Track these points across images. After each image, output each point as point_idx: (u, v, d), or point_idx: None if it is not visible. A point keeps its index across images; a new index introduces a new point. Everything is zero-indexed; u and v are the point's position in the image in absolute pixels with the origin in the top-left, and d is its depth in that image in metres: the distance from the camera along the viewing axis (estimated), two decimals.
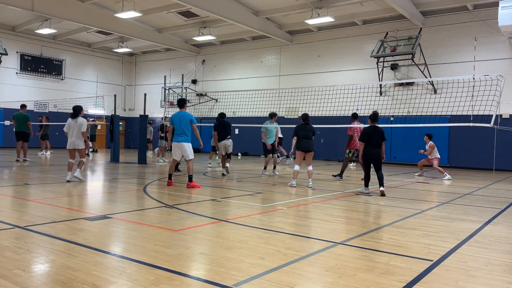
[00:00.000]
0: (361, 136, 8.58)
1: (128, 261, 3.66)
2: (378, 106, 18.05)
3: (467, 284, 3.31)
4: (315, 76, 21.84)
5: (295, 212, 6.45)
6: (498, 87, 10.88)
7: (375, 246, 4.38)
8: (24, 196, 7.27)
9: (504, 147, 16.84)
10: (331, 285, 3.21)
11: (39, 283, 3.10)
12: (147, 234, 4.67)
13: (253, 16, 19.99)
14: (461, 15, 18.06)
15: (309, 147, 9.45)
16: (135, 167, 13.76)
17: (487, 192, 9.58)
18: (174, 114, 9.33)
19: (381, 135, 8.51)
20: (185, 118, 8.98)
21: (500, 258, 4.10)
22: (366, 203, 7.43)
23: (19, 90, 24.28)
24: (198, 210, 6.35)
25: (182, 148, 8.96)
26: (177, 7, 19.10)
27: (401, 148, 19.19)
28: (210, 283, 3.17)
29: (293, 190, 9.07)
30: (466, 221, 5.91)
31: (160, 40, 24.25)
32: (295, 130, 9.61)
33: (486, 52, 17.42)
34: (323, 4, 17.87)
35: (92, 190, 8.56)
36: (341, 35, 21.29)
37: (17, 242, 4.15)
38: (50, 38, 25.61)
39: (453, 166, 17.98)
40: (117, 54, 29.55)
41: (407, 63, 18.74)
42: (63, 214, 5.72)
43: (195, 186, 8.82)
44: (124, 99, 30.51)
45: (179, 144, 8.96)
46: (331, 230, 5.18)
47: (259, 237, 4.66)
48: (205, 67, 26.64)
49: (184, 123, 8.94)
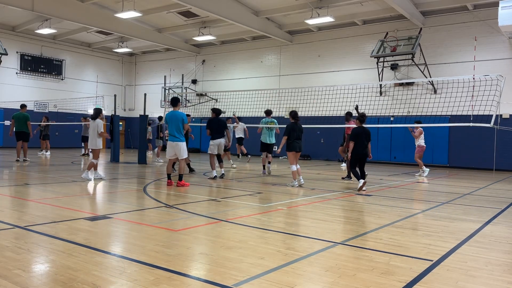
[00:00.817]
0: (352, 136, 9.19)
1: (128, 261, 3.66)
2: (378, 106, 18.06)
3: (467, 284, 3.31)
4: (315, 76, 21.84)
5: (295, 212, 6.45)
6: (498, 87, 10.89)
7: (375, 246, 4.38)
8: (24, 196, 7.27)
9: (504, 147, 16.84)
10: (331, 285, 3.21)
11: (39, 283, 3.10)
12: (147, 234, 4.67)
13: (253, 16, 20.00)
14: (461, 15, 18.06)
15: (301, 147, 9.84)
16: (135, 167, 13.76)
17: (487, 192, 9.58)
18: (167, 113, 9.43)
19: (368, 135, 9.24)
20: (178, 118, 9.09)
21: (500, 258, 4.10)
22: (366, 203, 7.43)
23: (19, 90, 24.28)
24: (198, 210, 6.35)
25: (176, 148, 9.11)
26: (177, 7, 19.10)
27: (401, 148, 19.18)
28: (210, 283, 3.17)
29: (294, 190, 9.07)
30: (466, 221, 5.92)
31: (160, 40, 24.25)
32: (288, 130, 9.68)
33: (486, 52, 17.42)
34: (323, 4, 17.87)
35: (92, 190, 8.56)
36: (341, 35, 21.29)
37: (17, 242, 4.15)
38: (50, 38, 25.61)
39: (453, 166, 17.98)
40: (117, 54, 29.55)
41: (407, 63, 18.74)
42: (63, 214, 5.72)
43: (184, 185, 8.97)
44: (124, 99, 30.51)
45: (173, 143, 9.10)
46: (331, 230, 5.17)
47: (259, 237, 4.66)
48: (205, 67, 26.64)
49: (176, 123, 9.05)
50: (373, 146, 19.86)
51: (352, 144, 9.13)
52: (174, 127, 9.04)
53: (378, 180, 11.84)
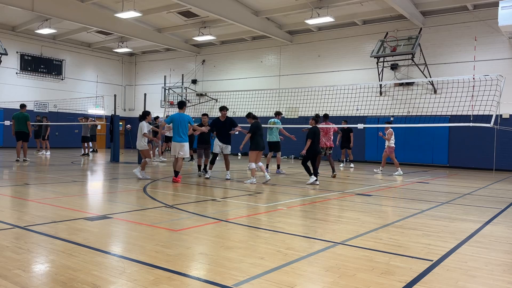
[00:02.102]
0: (310, 135, 9.86)
1: (128, 261, 3.66)
2: (378, 106, 18.07)
3: (467, 284, 3.31)
4: (315, 76, 21.84)
5: (295, 212, 6.45)
6: (498, 87, 10.89)
7: (375, 246, 4.38)
8: (24, 196, 7.27)
9: (504, 147, 16.84)
10: (331, 285, 3.21)
11: (39, 283, 3.10)
12: (147, 234, 4.67)
13: (253, 16, 20.00)
14: (461, 15, 18.06)
15: (264, 146, 10.33)
16: (135, 167, 13.73)
17: (487, 192, 9.58)
18: (174, 114, 10.02)
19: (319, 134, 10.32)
20: (185, 120, 9.84)
21: (500, 258, 4.10)
22: (366, 203, 7.43)
23: (19, 90, 24.27)
24: (198, 210, 6.35)
25: (181, 148, 9.77)
26: (177, 7, 19.10)
27: (401, 148, 19.17)
28: (210, 283, 3.17)
29: (294, 190, 9.07)
30: (466, 221, 5.92)
31: (160, 40, 24.25)
32: (254, 129, 10.06)
33: (486, 52, 17.42)
34: (323, 4, 17.87)
35: (92, 190, 8.56)
36: (341, 35, 21.29)
37: (17, 242, 4.15)
38: (50, 38, 25.61)
39: (453, 166, 17.99)
40: (117, 54, 29.55)
41: (407, 63, 18.74)
42: (63, 214, 5.72)
43: (178, 181, 9.67)
44: (124, 99, 30.51)
45: (180, 144, 9.76)
46: (331, 230, 5.17)
47: (259, 237, 4.66)
48: (205, 67, 26.64)
49: (184, 125, 9.80)
50: (373, 146, 19.92)
51: (309, 142, 9.80)
52: (180, 129, 9.72)
53: (378, 180, 11.85)
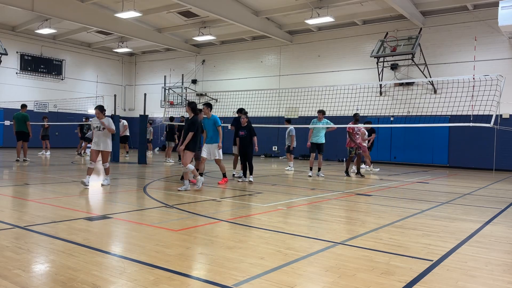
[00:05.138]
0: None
1: (128, 261, 3.66)
2: (378, 106, 18.06)
3: (467, 284, 3.31)
4: (315, 76, 21.83)
5: (295, 212, 6.45)
6: (498, 87, 10.88)
7: (375, 246, 4.38)
8: (24, 196, 7.27)
9: (504, 147, 16.84)
10: (331, 285, 3.21)
11: (39, 283, 3.10)
12: (147, 234, 4.67)
13: (253, 16, 19.99)
14: (461, 15, 18.06)
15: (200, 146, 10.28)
16: (135, 167, 13.76)
17: (487, 192, 9.58)
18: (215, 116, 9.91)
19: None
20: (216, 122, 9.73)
21: (500, 258, 4.10)
22: (366, 203, 7.43)
23: (19, 90, 24.27)
24: (198, 210, 6.35)
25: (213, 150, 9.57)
26: (177, 7, 19.10)
27: (401, 148, 19.19)
28: (210, 283, 3.17)
29: (293, 190, 9.06)
30: (466, 221, 5.91)
31: (160, 40, 24.25)
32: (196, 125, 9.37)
33: (486, 52, 17.42)
34: (323, 4, 17.87)
35: (92, 190, 8.56)
36: (341, 35, 21.29)
37: (17, 242, 4.15)
38: (50, 38, 25.60)
39: (453, 166, 17.99)
40: (117, 54, 29.55)
41: (407, 63, 18.74)
42: (63, 214, 5.72)
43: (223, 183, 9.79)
44: (124, 99, 30.50)
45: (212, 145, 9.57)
46: (331, 230, 5.17)
47: (259, 237, 4.66)
48: (205, 67, 26.64)
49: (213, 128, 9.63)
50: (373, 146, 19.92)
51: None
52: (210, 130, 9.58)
53: (378, 180, 11.84)
